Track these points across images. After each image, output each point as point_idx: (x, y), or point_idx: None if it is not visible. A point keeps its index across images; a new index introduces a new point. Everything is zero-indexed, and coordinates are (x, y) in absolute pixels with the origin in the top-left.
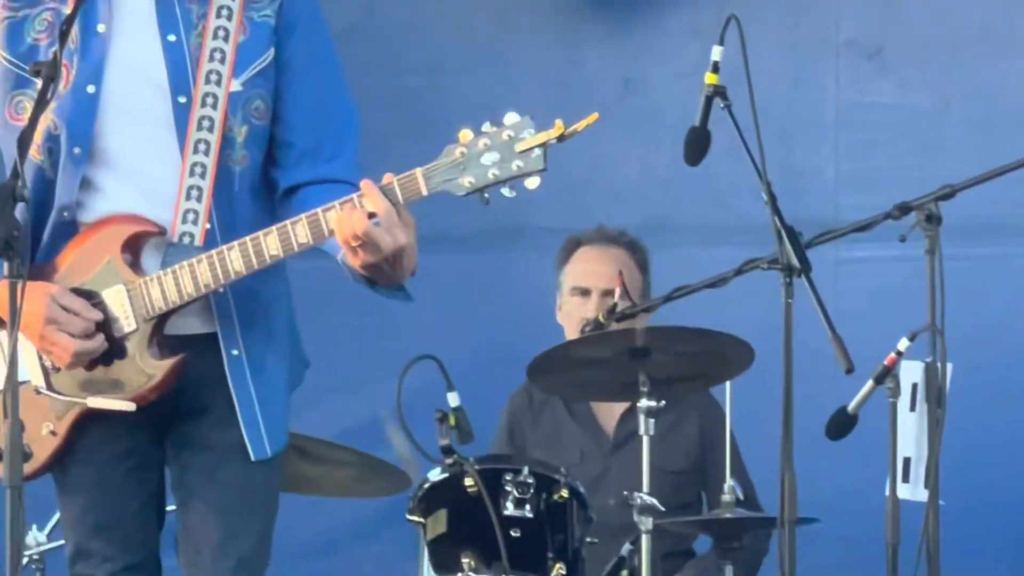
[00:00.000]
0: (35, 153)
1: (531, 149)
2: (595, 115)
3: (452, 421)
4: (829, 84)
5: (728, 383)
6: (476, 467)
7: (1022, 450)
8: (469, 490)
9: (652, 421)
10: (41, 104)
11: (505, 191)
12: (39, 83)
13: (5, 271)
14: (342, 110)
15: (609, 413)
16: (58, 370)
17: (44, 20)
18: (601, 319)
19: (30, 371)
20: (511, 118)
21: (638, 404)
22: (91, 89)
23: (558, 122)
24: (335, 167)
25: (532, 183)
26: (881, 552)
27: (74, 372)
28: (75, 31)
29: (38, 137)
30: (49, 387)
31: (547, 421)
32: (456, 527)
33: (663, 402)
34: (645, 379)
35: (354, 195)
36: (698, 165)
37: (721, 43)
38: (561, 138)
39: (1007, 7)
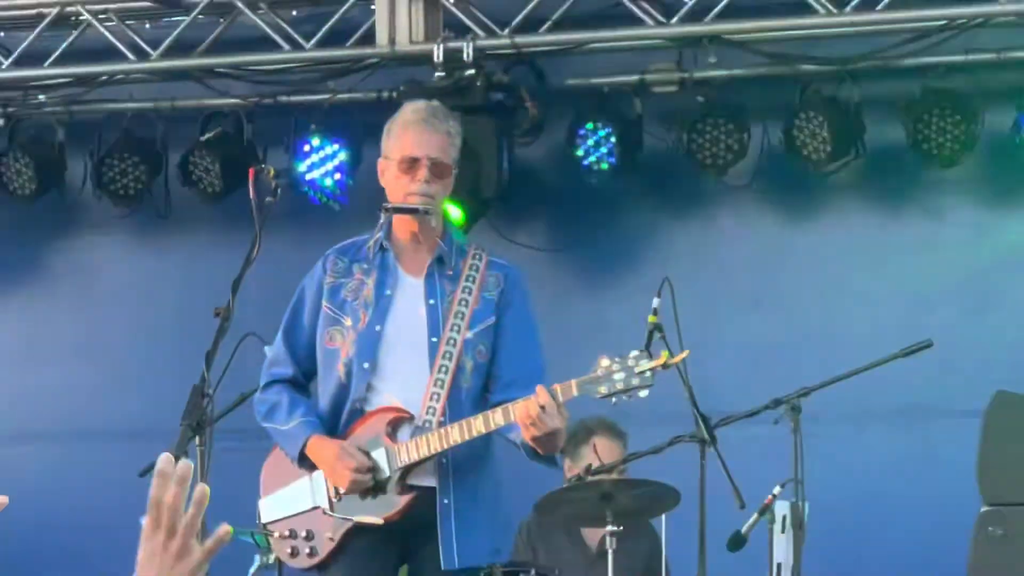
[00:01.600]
0: (340, 368)
1: (645, 371)
2: (687, 352)
3: None
4: (730, 322)
5: (664, 515)
6: (502, 570)
7: (857, 558)
8: None
9: (615, 539)
10: (219, 336)
11: (624, 397)
12: (345, 321)
13: (198, 442)
14: (535, 358)
15: (594, 536)
16: (339, 500)
17: (352, 286)
18: (582, 475)
19: (322, 500)
20: (635, 353)
21: (605, 529)
22: (378, 328)
23: (664, 353)
24: (526, 392)
25: (643, 393)
26: None
27: (349, 500)
28: (372, 292)
29: (344, 356)
30: (332, 510)
31: (551, 540)
32: None
33: (621, 527)
34: (610, 514)
35: (533, 395)
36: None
37: (659, 295)
38: (665, 366)
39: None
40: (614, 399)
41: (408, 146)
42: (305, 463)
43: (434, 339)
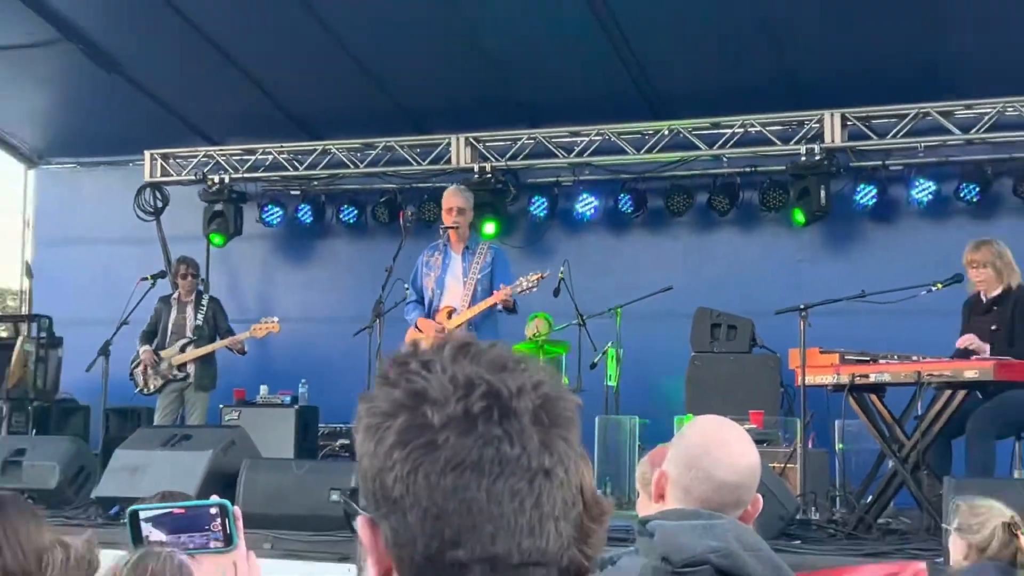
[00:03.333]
0: (429, 294)
1: (533, 279)
2: (548, 272)
3: None
4: (594, 278)
5: (564, 355)
6: None
7: (642, 373)
8: None
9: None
10: (388, 278)
11: (528, 292)
12: (431, 274)
13: (378, 323)
14: (508, 280)
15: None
16: None
17: (433, 260)
18: (530, 337)
19: None
20: (530, 273)
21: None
22: (442, 276)
23: (538, 273)
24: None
25: (534, 289)
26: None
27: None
28: (440, 263)
29: (429, 289)
30: None
31: None
32: None
33: (544, 360)
34: (540, 353)
35: (502, 289)
36: (558, 296)
37: (563, 266)
38: (540, 279)
39: None
40: (525, 293)
41: (447, 202)
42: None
43: (465, 279)
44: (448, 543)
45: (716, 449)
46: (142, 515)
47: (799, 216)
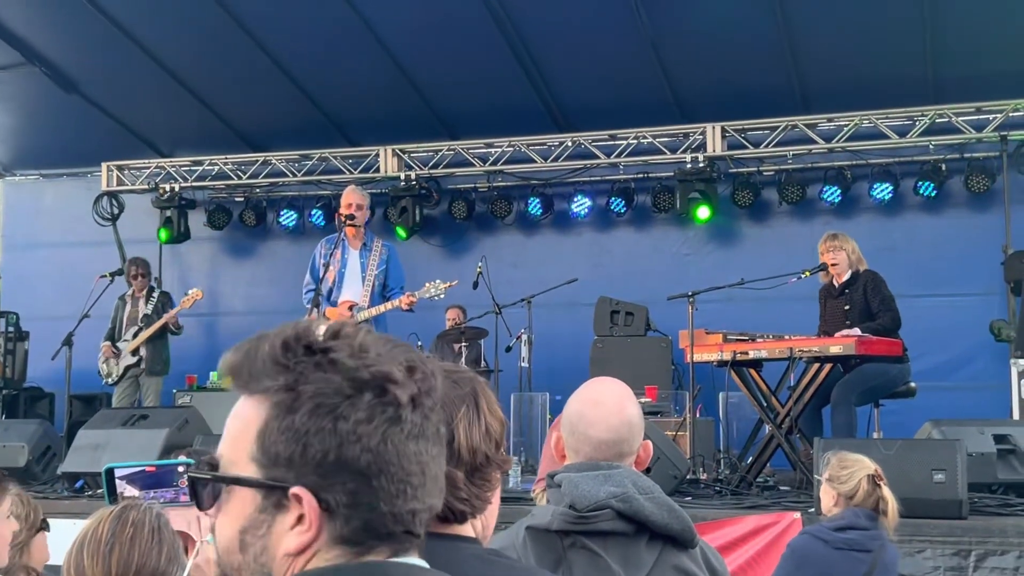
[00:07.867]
0: (328, 284)
1: (440, 287)
2: (456, 281)
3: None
4: (505, 271)
5: (482, 341)
6: None
7: (550, 326)
8: None
9: (463, 347)
10: (326, 270)
11: (435, 298)
12: (330, 267)
13: (319, 303)
14: (401, 282)
15: (457, 348)
16: None
17: (333, 253)
18: (451, 327)
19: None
20: (437, 281)
21: (461, 344)
22: (342, 270)
23: (447, 283)
24: (398, 293)
25: (441, 296)
26: None
27: None
28: (340, 256)
29: (329, 281)
30: None
31: (442, 350)
32: None
33: (467, 344)
34: (463, 339)
35: (407, 295)
36: (476, 289)
37: (480, 261)
38: (449, 287)
39: None
40: (433, 299)
41: (347, 199)
42: None
43: (363, 274)
44: (410, 498)
45: (589, 411)
46: (117, 473)
47: (706, 213)
